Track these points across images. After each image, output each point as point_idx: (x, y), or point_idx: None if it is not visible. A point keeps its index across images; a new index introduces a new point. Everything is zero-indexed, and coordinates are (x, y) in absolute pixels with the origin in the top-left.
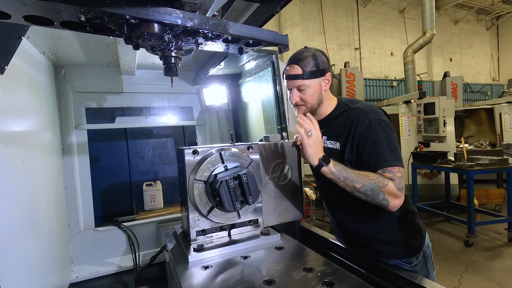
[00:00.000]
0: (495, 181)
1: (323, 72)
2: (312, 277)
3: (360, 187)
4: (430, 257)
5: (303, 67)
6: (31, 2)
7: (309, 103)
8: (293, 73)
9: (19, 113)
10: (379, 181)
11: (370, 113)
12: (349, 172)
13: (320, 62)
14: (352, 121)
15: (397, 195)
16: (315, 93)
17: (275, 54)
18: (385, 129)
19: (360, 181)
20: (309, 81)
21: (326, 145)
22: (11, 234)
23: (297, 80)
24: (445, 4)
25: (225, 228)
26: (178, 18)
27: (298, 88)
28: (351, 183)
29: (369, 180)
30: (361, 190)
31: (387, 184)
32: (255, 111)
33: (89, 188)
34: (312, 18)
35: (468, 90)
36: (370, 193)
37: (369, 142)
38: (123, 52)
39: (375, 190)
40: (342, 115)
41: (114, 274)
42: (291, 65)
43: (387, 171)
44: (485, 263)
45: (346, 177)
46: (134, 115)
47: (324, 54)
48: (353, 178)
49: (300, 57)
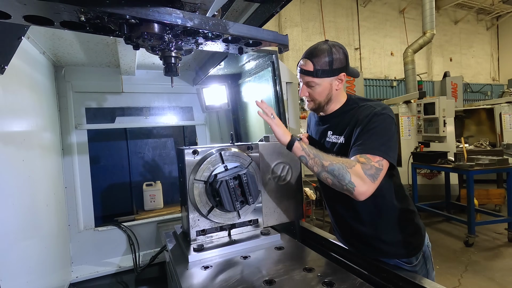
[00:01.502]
0: (495, 181)
1: (336, 72)
2: (312, 277)
3: (328, 165)
4: (430, 257)
5: (316, 64)
6: (31, 2)
7: (316, 99)
8: (305, 68)
9: (19, 113)
10: (347, 161)
11: (377, 107)
12: (318, 151)
13: (335, 60)
14: (358, 116)
15: (364, 179)
16: (324, 91)
17: (275, 54)
18: (386, 121)
19: (328, 159)
20: (319, 79)
21: (330, 140)
22: (11, 234)
23: (307, 76)
24: (445, 4)
25: (225, 228)
26: (178, 18)
27: (307, 84)
28: (320, 160)
29: (336, 160)
30: (328, 169)
31: (354, 165)
32: (255, 111)
33: (89, 188)
34: (312, 18)
35: (468, 90)
36: (336, 173)
37: (363, 130)
38: (123, 52)
39: (341, 170)
40: (350, 112)
41: (114, 274)
42: (305, 59)
43: (364, 157)
44: (485, 263)
45: (315, 154)
46: (134, 115)
47: (344, 51)
48: (321, 156)
49: (315, 52)
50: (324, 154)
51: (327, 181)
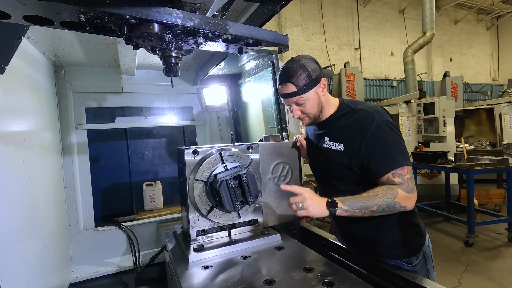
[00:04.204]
0: (495, 181)
1: (317, 81)
2: (312, 277)
3: (377, 209)
4: (430, 258)
5: (296, 83)
6: (31, 2)
7: (310, 113)
8: (287, 92)
9: (19, 113)
10: (389, 194)
11: (376, 115)
12: (359, 201)
13: (311, 72)
14: (359, 124)
15: (410, 197)
16: (314, 103)
17: (275, 54)
18: (393, 129)
19: (374, 204)
20: (305, 94)
21: (328, 146)
22: (11, 234)
23: (293, 97)
24: (445, 4)
25: (225, 228)
26: (178, 18)
27: (296, 103)
28: (367, 209)
29: (380, 199)
30: (378, 211)
31: (397, 193)
32: (255, 111)
33: (89, 188)
34: (312, 18)
35: (468, 90)
36: (387, 209)
37: (378, 145)
38: (123, 52)
39: (391, 204)
40: (344, 116)
41: (114, 274)
42: (283, 84)
43: (397, 175)
44: (485, 263)
45: (360, 207)
46: (134, 115)
47: (313, 59)
48: (366, 205)
49: (290, 73)
50: (363, 199)
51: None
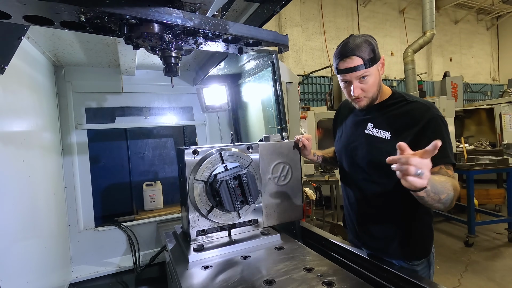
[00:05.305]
0: (495, 181)
1: (378, 57)
2: (312, 277)
3: (444, 198)
4: (433, 264)
5: (363, 56)
6: (31, 2)
7: (370, 92)
8: (353, 65)
9: (19, 113)
10: (454, 185)
11: (432, 108)
12: (435, 184)
13: (375, 46)
14: (413, 115)
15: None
16: (375, 80)
17: (275, 54)
18: (446, 126)
19: (444, 191)
20: (370, 69)
21: (369, 132)
22: (11, 234)
23: (359, 71)
24: (445, 4)
25: (225, 228)
26: (178, 18)
27: (359, 79)
28: (437, 195)
29: (449, 188)
30: (442, 201)
31: (456, 187)
32: (255, 111)
33: (89, 188)
34: (312, 18)
35: (468, 90)
36: (449, 202)
37: (433, 136)
38: (123, 52)
39: (452, 197)
40: (396, 105)
41: (114, 274)
42: (349, 57)
43: (449, 168)
44: (485, 263)
45: (436, 191)
46: (134, 115)
47: (372, 36)
48: (440, 190)
49: (355, 47)
50: (440, 184)
51: (433, 206)
